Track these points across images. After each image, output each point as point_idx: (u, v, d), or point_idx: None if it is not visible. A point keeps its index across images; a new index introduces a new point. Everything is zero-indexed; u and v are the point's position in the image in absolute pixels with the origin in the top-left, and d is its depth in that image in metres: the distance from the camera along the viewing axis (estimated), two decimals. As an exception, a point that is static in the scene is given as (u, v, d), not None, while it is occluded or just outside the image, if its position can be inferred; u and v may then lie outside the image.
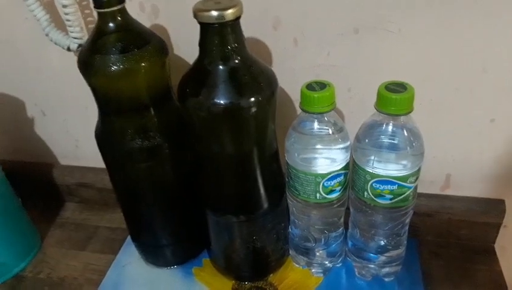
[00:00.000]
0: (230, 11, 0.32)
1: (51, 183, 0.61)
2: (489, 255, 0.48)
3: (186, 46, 0.46)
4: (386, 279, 0.46)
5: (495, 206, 0.48)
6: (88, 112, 0.53)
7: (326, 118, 0.38)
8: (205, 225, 0.46)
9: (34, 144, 0.61)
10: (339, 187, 0.41)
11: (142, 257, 0.51)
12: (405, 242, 0.44)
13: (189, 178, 0.44)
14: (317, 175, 0.39)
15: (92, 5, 0.36)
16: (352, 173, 0.41)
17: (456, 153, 0.47)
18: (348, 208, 0.44)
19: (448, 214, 0.48)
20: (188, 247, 0.51)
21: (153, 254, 0.51)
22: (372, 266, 0.45)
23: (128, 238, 0.53)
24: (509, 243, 0.50)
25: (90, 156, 0.56)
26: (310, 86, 0.37)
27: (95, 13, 0.37)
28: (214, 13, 0.32)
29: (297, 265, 0.49)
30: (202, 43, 0.35)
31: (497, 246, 0.49)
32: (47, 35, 0.46)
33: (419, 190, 0.40)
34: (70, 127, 0.58)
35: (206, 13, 0.33)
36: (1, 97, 0.57)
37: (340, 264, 0.48)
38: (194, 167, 0.43)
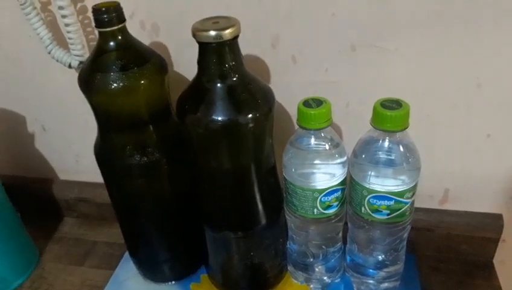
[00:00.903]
0: (228, 31, 0.33)
1: (50, 198, 0.61)
2: (488, 270, 0.48)
3: (186, 64, 0.46)
4: (385, 295, 0.46)
5: (493, 220, 0.48)
6: (88, 127, 0.53)
7: (323, 134, 0.39)
8: (203, 240, 0.46)
9: (33, 159, 0.62)
10: (337, 202, 0.41)
11: (140, 273, 0.51)
12: (403, 257, 0.44)
13: (187, 194, 0.44)
14: (314, 190, 0.39)
15: (93, 24, 0.37)
16: (349, 189, 0.41)
17: (454, 168, 0.47)
18: (346, 223, 0.44)
19: (447, 229, 0.48)
20: (186, 263, 0.51)
21: (151, 270, 0.50)
22: (371, 281, 0.45)
23: (126, 253, 0.53)
24: (508, 257, 0.50)
25: (90, 171, 0.56)
26: (306, 103, 0.37)
27: (96, 31, 0.38)
28: (212, 33, 0.33)
29: (295, 281, 0.48)
30: (201, 62, 0.36)
31: (496, 261, 0.49)
32: (49, 52, 0.47)
33: (417, 205, 0.41)
34: (70, 142, 0.59)
35: (204, 33, 0.33)
36: (1, 112, 0.58)
37: (339, 279, 0.48)
38: (192, 182, 0.43)
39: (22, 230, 0.54)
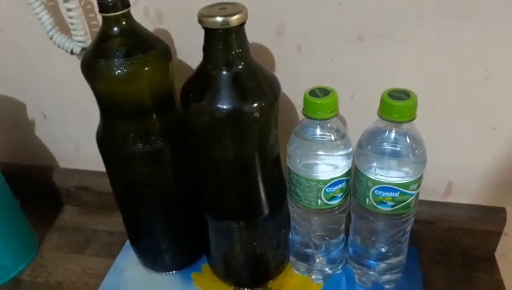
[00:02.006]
0: (235, 17, 0.33)
1: (50, 186, 0.61)
2: (490, 263, 0.48)
3: (190, 51, 0.46)
4: (387, 286, 0.46)
5: (496, 214, 0.48)
6: (89, 115, 0.53)
7: (328, 124, 0.38)
8: (205, 230, 0.45)
9: (34, 146, 0.61)
10: (341, 193, 0.40)
11: (140, 262, 0.51)
12: (406, 249, 0.44)
13: (190, 183, 0.44)
14: (318, 181, 0.39)
15: (96, 9, 0.36)
16: (354, 180, 0.41)
17: (458, 161, 0.47)
18: (349, 215, 0.44)
19: (449, 221, 0.48)
20: (187, 252, 0.50)
21: (152, 259, 0.50)
22: (373, 273, 0.45)
23: (127, 242, 0.53)
24: (510, 251, 0.50)
25: (91, 160, 0.56)
26: (313, 92, 0.37)
27: (99, 17, 0.37)
28: (219, 19, 0.33)
29: (297, 271, 0.48)
30: (206, 48, 0.35)
31: (498, 254, 0.49)
32: (51, 38, 0.46)
33: (420, 197, 0.40)
34: (71, 130, 0.58)
35: (211, 19, 0.33)
36: (1, 99, 0.57)
37: (341, 270, 0.48)
38: (195, 171, 0.43)
39: (21, 218, 0.54)
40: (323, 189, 0.39)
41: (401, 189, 0.37)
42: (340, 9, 0.40)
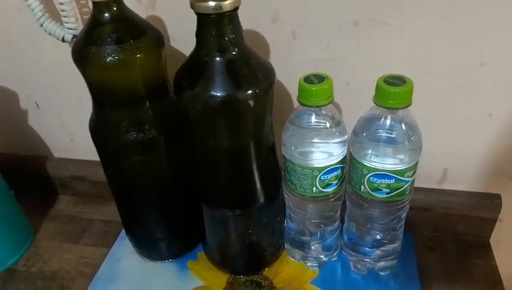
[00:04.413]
0: (228, 1, 0.32)
1: (45, 176, 0.61)
2: (485, 249, 0.49)
3: (183, 38, 0.45)
4: (382, 273, 0.46)
5: (491, 201, 0.48)
6: (83, 104, 0.52)
7: (323, 112, 0.38)
8: (200, 218, 0.45)
9: (27, 136, 0.61)
10: (336, 181, 0.40)
11: (136, 251, 0.51)
12: (401, 236, 0.44)
13: (184, 171, 0.44)
14: (314, 169, 0.39)
15: (87, -5, 0.36)
16: (349, 167, 0.40)
17: (453, 148, 0.47)
18: (344, 202, 0.44)
19: (444, 208, 0.48)
20: (182, 241, 0.50)
21: (148, 248, 0.50)
22: (368, 260, 0.45)
23: (123, 231, 0.53)
24: (504, 237, 0.50)
25: (85, 149, 0.56)
26: (307, 79, 0.37)
27: (90, 4, 0.36)
28: (212, 3, 0.32)
29: (292, 259, 0.49)
30: (199, 34, 0.35)
31: (493, 241, 0.49)
32: (41, 25, 0.45)
33: (416, 184, 0.40)
34: (65, 120, 0.58)
35: (203, 4, 0.32)
36: (-7, 88, 0.57)
37: (336, 258, 0.48)
38: (190, 160, 0.42)
39: (16, 208, 0.53)
40: (318, 176, 0.39)
41: (397, 176, 0.37)
42: (335, -5, 0.40)
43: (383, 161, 0.37)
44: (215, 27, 0.33)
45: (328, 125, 0.38)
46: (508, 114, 0.43)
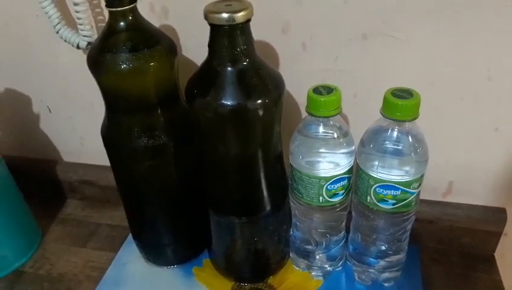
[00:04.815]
0: (241, 13, 0.33)
1: (54, 179, 0.61)
2: (489, 263, 0.48)
3: (194, 48, 0.46)
4: (386, 284, 0.46)
5: (496, 214, 0.48)
6: (94, 109, 0.53)
7: (331, 122, 0.39)
8: (207, 225, 0.46)
9: (38, 140, 0.62)
10: (342, 191, 0.41)
11: (142, 256, 0.52)
12: (406, 248, 0.44)
13: (193, 178, 0.44)
14: (320, 178, 0.39)
15: (102, 4, 0.37)
16: (355, 178, 0.41)
17: (459, 161, 0.47)
18: (350, 212, 0.44)
19: (449, 221, 0.49)
20: (188, 247, 0.51)
21: (154, 253, 0.51)
22: (372, 270, 0.46)
23: (129, 236, 0.53)
24: (509, 251, 0.50)
25: (95, 154, 0.57)
26: (316, 90, 0.37)
27: (105, 12, 0.37)
28: (225, 15, 0.33)
29: (297, 268, 0.49)
30: (212, 45, 0.36)
31: (497, 255, 0.49)
32: (57, 32, 0.47)
33: (421, 196, 0.41)
34: (75, 124, 0.59)
35: (216, 15, 0.33)
36: (7, 92, 0.58)
37: (340, 268, 0.48)
38: (198, 167, 0.43)
39: (25, 210, 0.54)
40: (325, 186, 0.40)
41: (403, 187, 0.38)
42: (345, 8, 0.41)
43: (389, 172, 0.38)
44: (227, 38, 0.34)
45: (335, 135, 0.39)
46: (514, 128, 0.44)
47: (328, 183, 0.40)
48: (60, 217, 0.60)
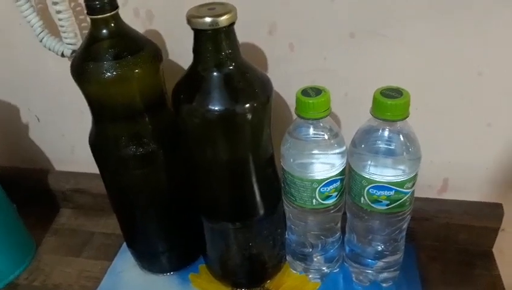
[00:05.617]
0: (224, 17, 0.32)
1: (46, 189, 0.61)
2: (487, 259, 0.48)
3: (181, 52, 0.45)
4: (384, 284, 0.45)
5: (493, 210, 0.47)
6: (83, 117, 0.52)
7: (321, 124, 0.38)
8: (201, 231, 0.45)
9: (28, 149, 0.61)
10: (336, 193, 0.40)
11: (137, 264, 0.51)
12: (403, 247, 0.44)
13: (183, 185, 0.44)
14: (313, 181, 0.39)
15: (86, 11, 0.36)
16: (348, 179, 0.40)
17: (453, 157, 0.47)
18: (345, 213, 0.44)
19: (446, 218, 0.48)
20: (184, 253, 0.50)
21: (149, 261, 0.50)
22: (370, 271, 0.45)
23: (124, 244, 0.53)
24: (507, 246, 0.50)
25: (86, 162, 0.56)
26: (305, 92, 0.37)
27: (89, 18, 0.36)
28: (208, 20, 0.32)
29: (294, 271, 0.48)
30: (196, 50, 0.35)
31: (495, 250, 0.49)
32: (41, 41, 0.46)
33: (416, 194, 0.40)
34: (65, 133, 0.58)
35: (199, 19, 0.32)
36: (-6, 102, 0.57)
37: (338, 269, 0.48)
38: (189, 173, 0.42)
39: (18, 222, 0.53)
40: (318, 188, 0.39)
41: (396, 187, 0.37)
42: (332, 6, 0.40)
43: (382, 173, 0.37)
44: (211, 42, 0.34)
45: (326, 137, 0.38)
46: (506, 123, 0.43)
47: (321, 185, 0.39)
48: (54, 227, 0.59)
